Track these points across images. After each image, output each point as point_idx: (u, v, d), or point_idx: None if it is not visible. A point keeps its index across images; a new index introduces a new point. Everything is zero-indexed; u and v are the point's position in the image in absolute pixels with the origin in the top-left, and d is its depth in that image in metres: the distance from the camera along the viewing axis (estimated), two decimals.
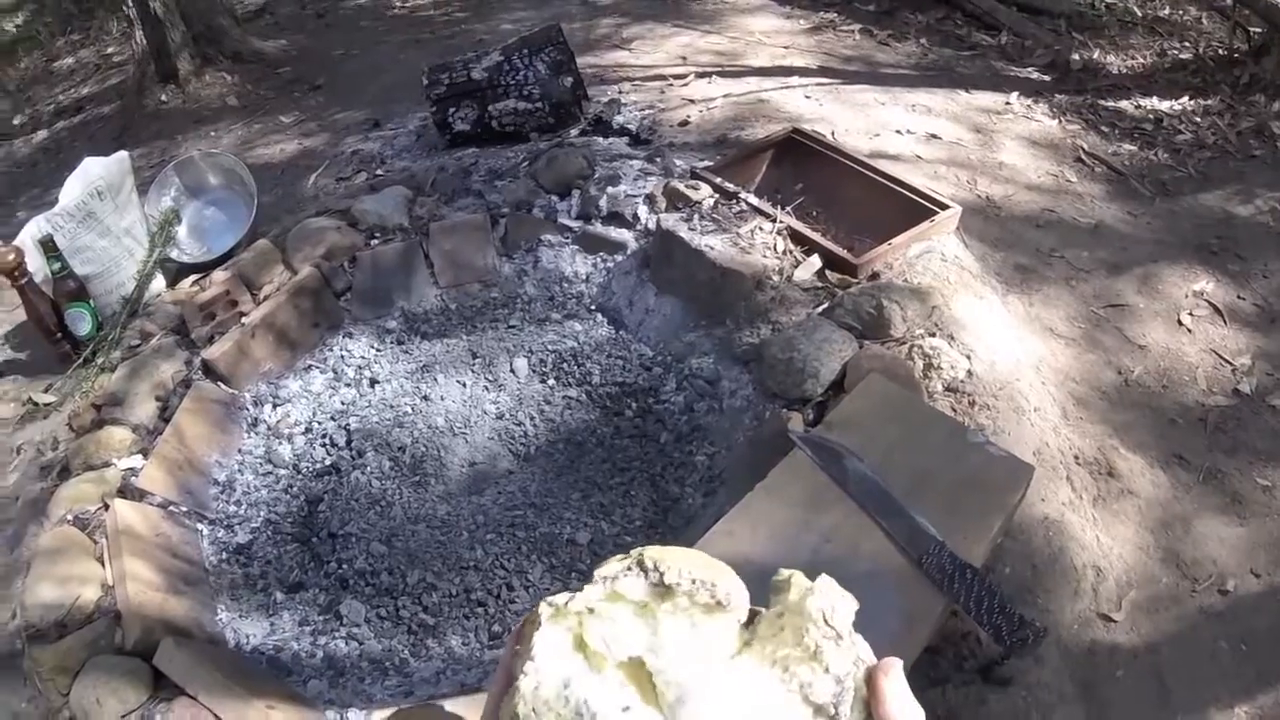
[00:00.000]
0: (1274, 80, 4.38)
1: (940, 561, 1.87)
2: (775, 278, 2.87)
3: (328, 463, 2.91)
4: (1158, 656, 2.22)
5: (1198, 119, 4.22)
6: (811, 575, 0.84)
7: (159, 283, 3.40)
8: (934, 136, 3.96)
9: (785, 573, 0.86)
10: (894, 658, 0.78)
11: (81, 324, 3.12)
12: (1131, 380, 2.87)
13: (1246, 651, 2.24)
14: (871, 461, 2.06)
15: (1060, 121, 4.22)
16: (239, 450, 2.95)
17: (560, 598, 0.77)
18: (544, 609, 0.76)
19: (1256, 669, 2.21)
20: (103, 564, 2.38)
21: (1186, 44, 4.95)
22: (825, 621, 0.79)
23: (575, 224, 3.39)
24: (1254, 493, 2.58)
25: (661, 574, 0.77)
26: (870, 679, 0.78)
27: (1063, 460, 2.52)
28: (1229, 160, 3.96)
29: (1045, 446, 2.50)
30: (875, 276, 2.88)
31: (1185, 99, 4.38)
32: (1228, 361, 2.96)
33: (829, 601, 0.81)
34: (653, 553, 0.77)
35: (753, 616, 0.85)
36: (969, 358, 2.60)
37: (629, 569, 0.78)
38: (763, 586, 0.89)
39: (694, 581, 0.77)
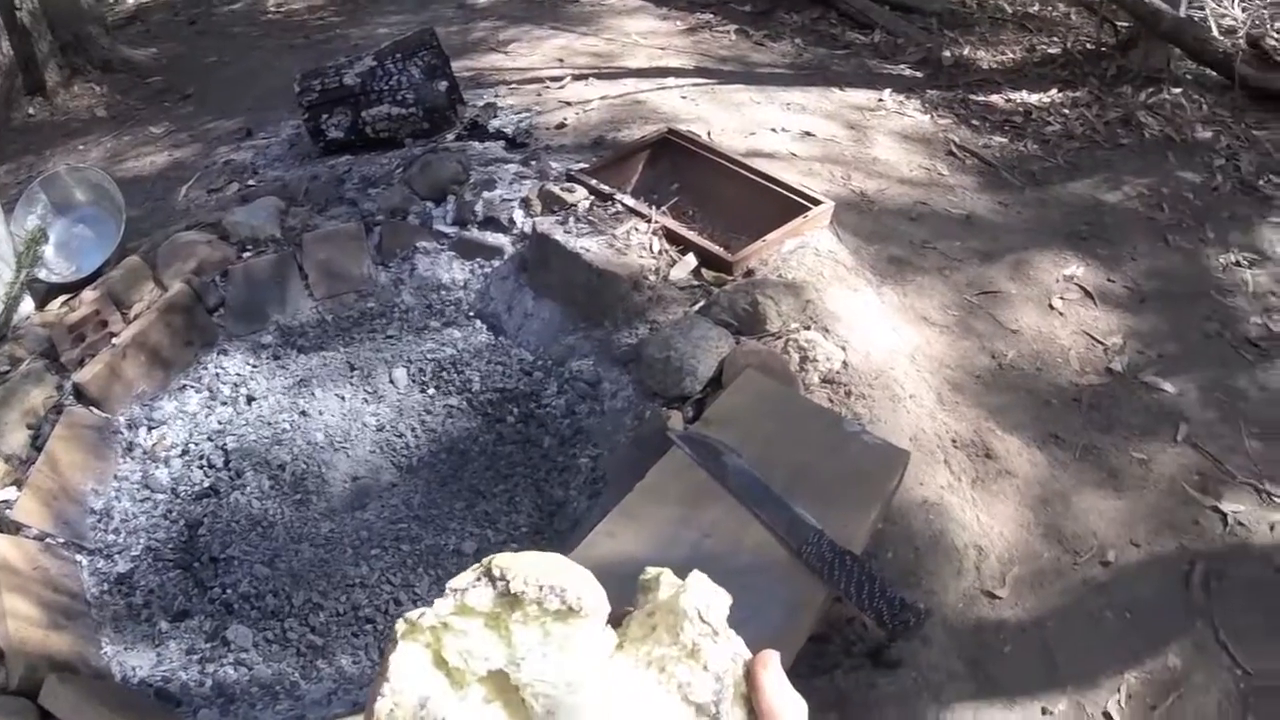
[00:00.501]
0: (1141, 72, 4.52)
1: (820, 550, 1.87)
2: (652, 278, 2.86)
3: (206, 485, 2.81)
4: (1044, 630, 2.25)
5: (1066, 110, 4.33)
6: (687, 571, 0.83)
7: (27, 305, 3.27)
8: (808, 134, 3.99)
9: (652, 571, 0.84)
10: (771, 650, 0.77)
11: None
12: (1005, 364, 2.92)
13: (1131, 619, 2.29)
14: (750, 456, 2.05)
15: (932, 116, 4.29)
16: (115, 476, 2.84)
17: (414, 613, 0.73)
18: (399, 626, 0.72)
19: (1143, 636, 2.25)
20: None
21: (1055, 39, 5.08)
22: (701, 619, 0.77)
23: (451, 230, 3.34)
24: (1130, 466, 2.64)
25: (508, 582, 0.73)
26: (749, 673, 0.77)
27: (940, 444, 2.55)
28: (1097, 149, 4.07)
29: (922, 432, 2.53)
30: (750, 273, 2.88)
31: (1054, 91, 4.49)
32: (1099, 342, 3.02)
33: (703, 598, 0.79)
34: (501, 560, 0.74)
35: (623, 617, 0.83)
36: (844, 349, 2.62)
37: (478, 579, 0.74)
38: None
39: (541, 588, 0.74)
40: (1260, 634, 2.27)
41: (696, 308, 2.76)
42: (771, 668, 0.76)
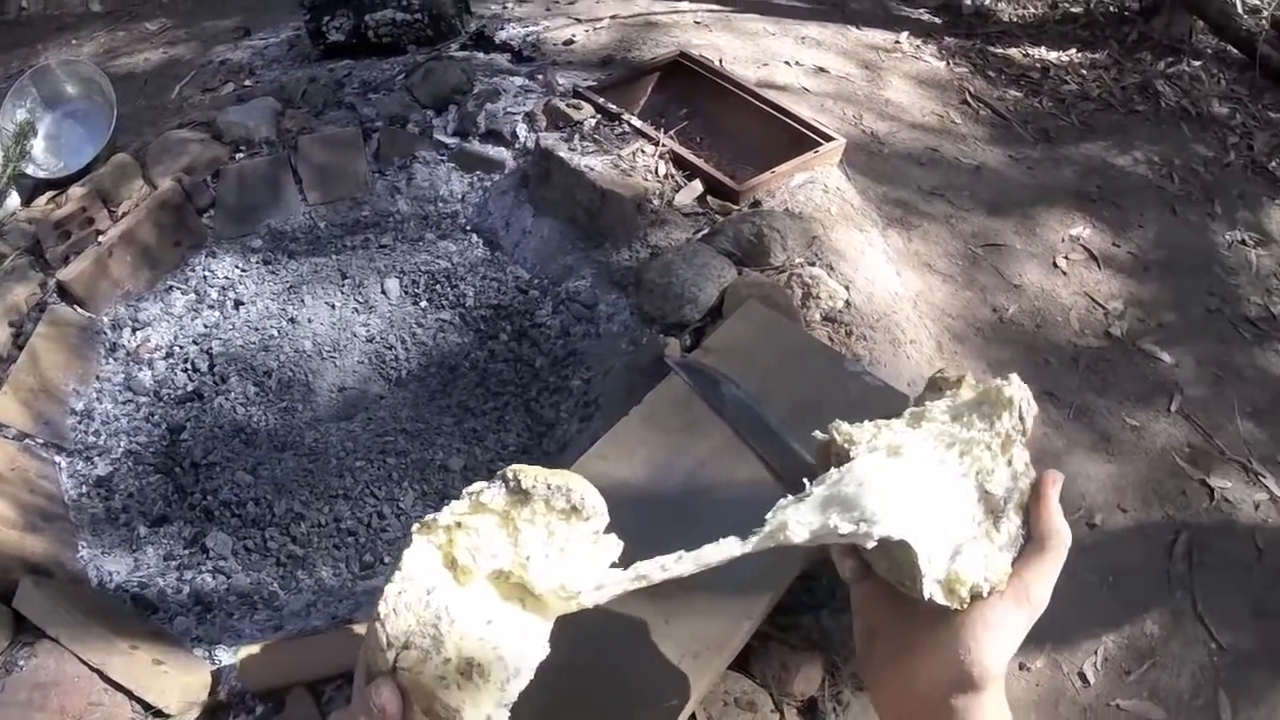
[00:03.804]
0: (1162, 40, 4.48)
1: None
2: (656, 201, 2.79)
3: (190, 389, 2.75)
4: None
5: (1084, 71, 4.27)
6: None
7: (13, 200, 3.15)
8: (822, 70, 3.90)
9: (952, 373, 0.94)
10: (1059, 472, 0.84)
11: None
12: (1006, 318, 2.89)
13: (1113, 584, 2.30)
14: (749, 388, 2.00)
15: (949, 64, 4.21)
16: (97, 377, 2.77)
17: (429, 516, 0.81)
18: (414, 525, 0.80)
19: (1123, 602, 2.27)
20: None
21: None
22: (1021, 414, 0.84)
23: (452, 141, 3.25)
24: (1122, 432, 2.63)
25: (519, 480, 0.81)
26: (1039, 485, 0.83)
27: None
28: (1112, 113, 4.02)
29: (920, 378, 2.48)
30: (757, 204, 2.81)
31: (1073, 51, 4.43)
32: (1100, 305, 3.00)
33: (1025, 394, 0.86)
34: (514, 466, 0.83)
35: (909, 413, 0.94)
36: (848, 288, 2.57)
37: (491, 484, 0.83)
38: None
39: (550, 487, 0.82)
40: (1237, 610, 2.29)
41: (700, 235, 2.69)
42: (1059, 488, 0.83)
